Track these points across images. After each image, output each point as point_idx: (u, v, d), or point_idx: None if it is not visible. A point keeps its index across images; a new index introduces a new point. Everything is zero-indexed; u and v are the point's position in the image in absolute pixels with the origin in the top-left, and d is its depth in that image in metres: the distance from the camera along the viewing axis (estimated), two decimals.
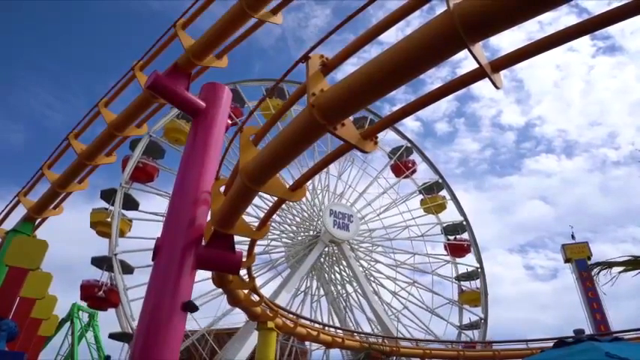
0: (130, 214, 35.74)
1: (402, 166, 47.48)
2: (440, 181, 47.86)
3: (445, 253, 46.59)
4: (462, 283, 44.82)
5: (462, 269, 45.80)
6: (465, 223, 46.34)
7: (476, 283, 44.39)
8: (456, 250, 45.67)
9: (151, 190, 36.89)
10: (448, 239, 46.31)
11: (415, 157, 49.51)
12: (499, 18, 3.78)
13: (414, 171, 48.50)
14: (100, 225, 33.45)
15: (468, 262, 45.78)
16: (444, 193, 48.06)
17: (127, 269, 33.67)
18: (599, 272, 7.62)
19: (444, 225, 47.05)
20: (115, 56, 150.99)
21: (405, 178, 47.98)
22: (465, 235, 46.37)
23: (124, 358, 32.18)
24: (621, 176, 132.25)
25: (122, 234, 34.37)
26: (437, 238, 47.47)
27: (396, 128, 48.98)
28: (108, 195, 34.29)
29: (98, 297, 31.80)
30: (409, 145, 48.85)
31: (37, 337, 15.26)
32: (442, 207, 47.32)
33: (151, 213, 36.32)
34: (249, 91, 42.65)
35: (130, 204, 35.61)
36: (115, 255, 32.35)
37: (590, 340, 8.40)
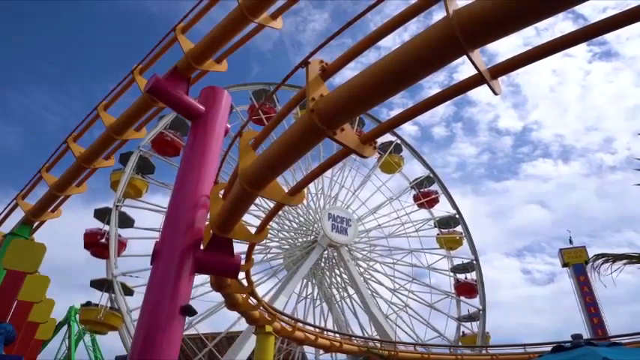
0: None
1: (421, 197, 46.54)
2: (457, 215, 46.38)
3: (443, 279, 45.61)
4: (463, 323, 43.12)
5: (464, 306, 44.13)
6: (475, 262, 44.52)
7: (477, 324, 42.61)
8: (465, 291, 43.80)
9: (169, 162, 36.58)
10: (458, 281, 44.41)
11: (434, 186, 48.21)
12: (498, 24, 3.82)
13: (436, 201, 47.14)
14: (118, 185, 33.78)
15: (472, 301, 44.01)
16: (459, 226, 46.48)
17: (127, 222, 34.31)
18: (601, 265, 7.61)
19: (455, 265, 45.45)
20: (112, 59, 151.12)
21: (423, 207, 47.08)
22: (474, 275, 44.47)
23: (105, 304, 32.43)
24: (618, 181, 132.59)
25: (139, 194, 34.83)
26: (443, 270, 45.95)
27: (420, 157, 48.16)
28: (125, 158, 34.47)
29: (101, 244, 32.04)
30: (431, 175, 47.46)
31: (34, 340, 15.22)
32: (458, 243, 45.55)
33: (162, 183, 36.45)
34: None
35: (147, 168, 35.79)
36: (117, 207, 32.91)
37: (587, 345, 8.43)
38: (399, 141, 46.47)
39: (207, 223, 8.51)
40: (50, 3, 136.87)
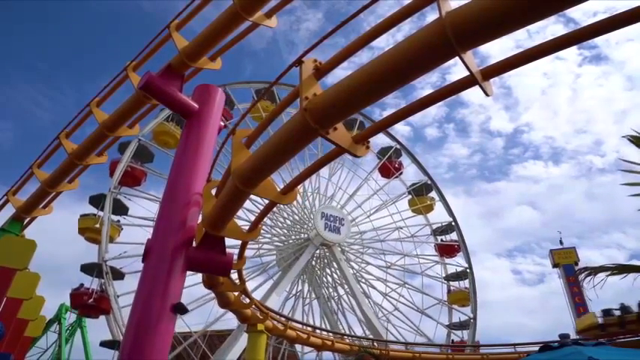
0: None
1: (445, 248, 46.05)
2: (468, 270, 45.22)
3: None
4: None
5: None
6: (472, 320, 43.46)
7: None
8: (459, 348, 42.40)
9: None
10: (452, 341, 42.74)
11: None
12: (491, 27, 3.85)
13: (458, 250, 46.16)
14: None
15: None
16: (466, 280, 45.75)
17: (147, 157, 36.15)
18: (585, 277, 7.77)
19: (453, 322, 44.45)
20: (105, 56, 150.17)
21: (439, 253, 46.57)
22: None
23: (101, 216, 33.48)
24: (606, 183, 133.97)
25: (177, 141, 36.48)
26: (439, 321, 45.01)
27: (445, 201, 47.25)
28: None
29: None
30: (453, 223, 46.78)
31: (23, 337, 15.13)
32: (469, 300, 44.13)
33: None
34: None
35: (180, 121, 36.61)
36: (140, 141, 35.14)
37: (574, 345, 8.54)
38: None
39: (199, 221, 8.50)
40: (47, 2, 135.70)
